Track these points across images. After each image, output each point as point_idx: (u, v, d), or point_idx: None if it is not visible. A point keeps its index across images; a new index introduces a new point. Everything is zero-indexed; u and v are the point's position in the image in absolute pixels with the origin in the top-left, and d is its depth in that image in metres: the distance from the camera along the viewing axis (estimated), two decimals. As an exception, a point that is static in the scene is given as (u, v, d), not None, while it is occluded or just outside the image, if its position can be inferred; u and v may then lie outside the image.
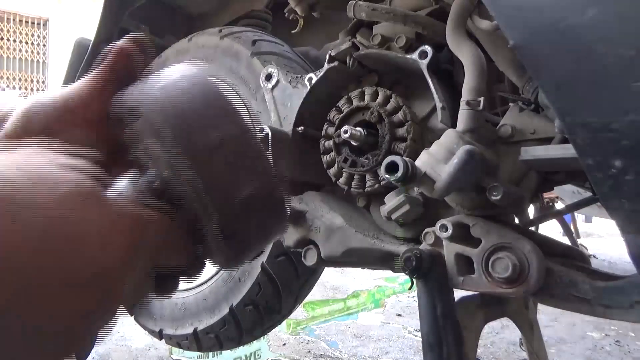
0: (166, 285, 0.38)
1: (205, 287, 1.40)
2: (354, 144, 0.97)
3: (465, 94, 0.84)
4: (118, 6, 1.61)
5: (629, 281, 0.71)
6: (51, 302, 0.25)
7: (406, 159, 0.74)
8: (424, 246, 0.87)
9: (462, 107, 0.83)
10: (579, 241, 3.91)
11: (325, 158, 1.05)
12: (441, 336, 0.79)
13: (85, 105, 0.36)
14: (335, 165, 1.02)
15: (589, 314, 0.76)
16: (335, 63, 1.04)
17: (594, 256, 4.81)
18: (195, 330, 1.40)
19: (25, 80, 13.52)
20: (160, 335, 1.51)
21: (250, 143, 0.34)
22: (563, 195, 3.13)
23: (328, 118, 1.06)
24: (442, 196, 0.79)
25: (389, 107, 0.97)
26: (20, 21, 13.39)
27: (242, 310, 1.31)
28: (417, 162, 0.77)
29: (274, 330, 1.49)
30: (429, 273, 0.80)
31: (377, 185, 0.97)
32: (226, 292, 1.33)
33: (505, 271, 0.75)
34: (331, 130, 1.04)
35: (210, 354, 2.08)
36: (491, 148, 0.85)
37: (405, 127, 0.95)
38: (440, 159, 0.76)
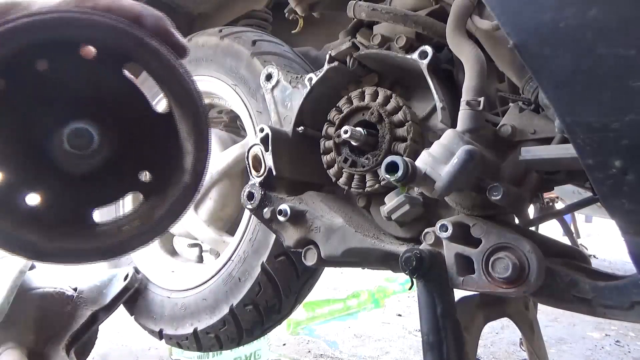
0: None
1: (205, 287, 1.40)
2: (354, 144, 0.97)
3: (465, 94, 0.84)
4: (118, 6, 1.60)
5: (629, 281, 0.71)
6: None
7: (406, 159, 0.74)
8: (424, 246, 0.87)
9: (462, 107, 0.83)
10: (579, 241, 3.91)
11: (325, 158, 1.05)
12: (441, 336, 0.79)
13: None
14: (335, 165, 1.02)
15: (589, 314, 0.76)
16: (335, 63, 1.04)
17: (594, 256, 4.81)
18: (195, 330, 1.40)
19: (25, 80, 13.52)
20: (160, 335, 1.51)
21: None
22: (563, 195, 3.13)
23: (328, 118, 1.05)
24: (443, 196, 0.79)
25: (389, 107, 0.97)
26: (20, 21, 13.40)
27: (242, 310, 1.31)
28: (418, 162, 0.77)
29: (274, 330, 1.48)
30: (429, 273, 0.80)
31: (377, 185, 0.97)
32: (226, 292, 1.33)
33: (505, 271, 0.75)
34: (331, 130, 1.04)
35: (210, 354, 2.08)
36: (491, 148, 0.85)
37: (405, 127, 0.95)
38: (440, 159, 0.76)
